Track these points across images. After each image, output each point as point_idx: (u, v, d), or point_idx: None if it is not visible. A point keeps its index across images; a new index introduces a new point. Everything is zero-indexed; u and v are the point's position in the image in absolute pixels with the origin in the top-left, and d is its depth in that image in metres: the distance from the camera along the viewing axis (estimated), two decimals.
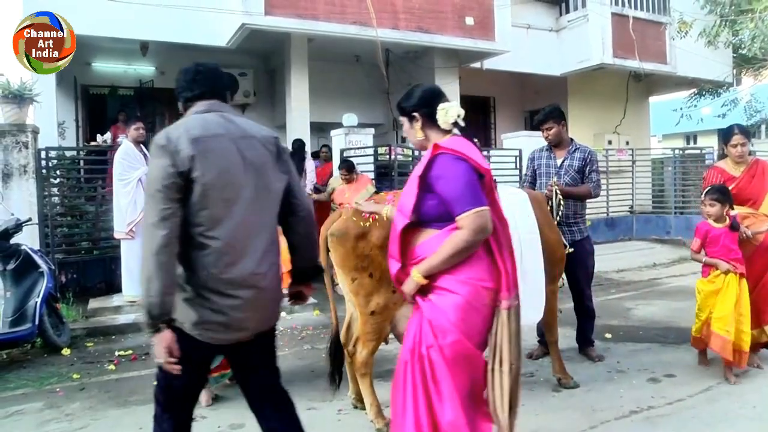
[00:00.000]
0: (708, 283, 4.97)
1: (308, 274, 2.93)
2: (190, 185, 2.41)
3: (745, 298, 4.82)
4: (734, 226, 4.91)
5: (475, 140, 2.83)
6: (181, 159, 2.39)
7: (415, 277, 2.71)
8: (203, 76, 2.92)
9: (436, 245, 2.69)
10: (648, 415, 4.11)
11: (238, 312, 2.49)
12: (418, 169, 2.78)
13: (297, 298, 2.97)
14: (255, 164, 2.58)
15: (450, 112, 2.82)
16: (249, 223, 2.52)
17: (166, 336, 2.34)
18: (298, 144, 9.79)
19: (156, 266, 2.30)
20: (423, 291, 2.75)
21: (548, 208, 4.96)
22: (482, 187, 2.71)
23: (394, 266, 2.84)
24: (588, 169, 5.39)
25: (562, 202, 5.04)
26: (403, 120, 2.97)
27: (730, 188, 5.03)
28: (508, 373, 2.72)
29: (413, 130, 2.92)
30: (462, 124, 2.85)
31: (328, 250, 3.97)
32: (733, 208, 4.96)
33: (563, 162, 5.44)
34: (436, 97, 2.90)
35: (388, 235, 3.75)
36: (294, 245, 2.84)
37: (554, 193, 5.05)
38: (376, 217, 3.83)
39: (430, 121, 2.85)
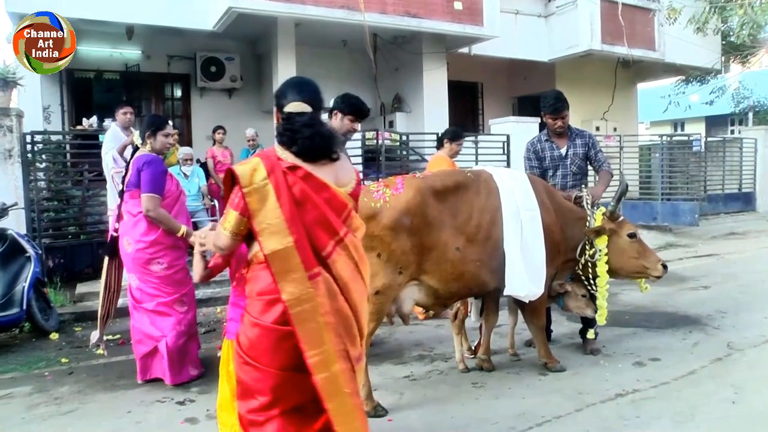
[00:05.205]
0: None
1: None
2: None
3: None
4: None
5: None
6: None
7: None
8: None
9: None
10: (633, 398, 4.16)
11: None
12: None
13: None
14: None
15: None
16: None
17: None
18: None
19: None
20: None
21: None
22: None
23: None
24: (592, 152, 5.30)
25: (591, 206, 4.84)
26: None
27: None
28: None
29: None
30: None
31: None
32: None
33: (567, 151, 5.31)
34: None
35: (398, 216, 3.82)
36: None
37: (586, 203, 4.85)
38: (387, 198, 3.88)
39: None
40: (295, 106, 2.66)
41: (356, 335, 2.57)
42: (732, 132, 25.56)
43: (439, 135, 6.61)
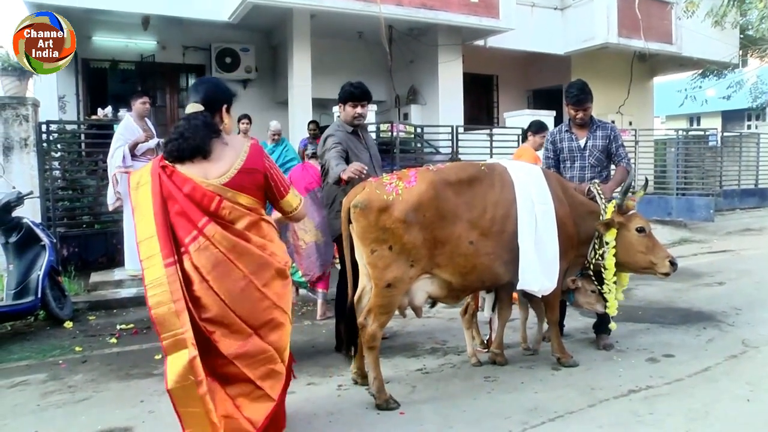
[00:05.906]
0: None
1: None
2: None
3: None
4: None
5: None
6: None
7: None
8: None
9: None
10: (646, 394, 4.13)
11: None
12: None
13: None
14: None
15: None
16: None
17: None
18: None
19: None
20: None
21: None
22: None
23: None
24: (614, 146, 5.19)
25: (603, 200, 4.80)
26: None
27: None
28: None
29: None
30: None
31: (349, 221, 4.00)
32: None
33: (586, 143, 5.24)
34: None
35: (410, 209, 3.81)
36: None
37: (597, 195, 4.81)
38: (399, 191, 3.87)
39: None
40: (190, 107, 2.90)
41: (236, 323, 2.79)
42: (749, 127, 25.31)
43: (523, 129, 6.63)
